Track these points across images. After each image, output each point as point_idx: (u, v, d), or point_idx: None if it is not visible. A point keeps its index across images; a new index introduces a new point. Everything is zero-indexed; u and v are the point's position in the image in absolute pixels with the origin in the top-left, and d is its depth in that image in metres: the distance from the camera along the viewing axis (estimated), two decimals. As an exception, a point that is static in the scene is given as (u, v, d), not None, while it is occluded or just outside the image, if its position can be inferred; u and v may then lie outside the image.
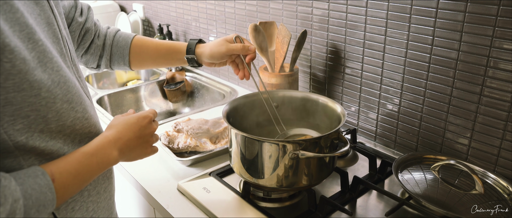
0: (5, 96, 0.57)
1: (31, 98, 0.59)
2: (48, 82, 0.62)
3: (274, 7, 1.36)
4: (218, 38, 0.98)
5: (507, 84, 0.87)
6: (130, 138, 0.75)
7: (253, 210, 0.88)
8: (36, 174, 0.60)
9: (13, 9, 0.58)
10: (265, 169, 0.84)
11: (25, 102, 0.59)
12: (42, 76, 0.61)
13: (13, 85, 0.57)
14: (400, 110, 1.10)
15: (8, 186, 0.55)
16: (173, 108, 1.79)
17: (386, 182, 1.00)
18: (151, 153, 0.82)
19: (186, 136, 1.15)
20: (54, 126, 0.64)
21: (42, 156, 0.64)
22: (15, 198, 0.55)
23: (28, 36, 0.59)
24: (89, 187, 0.75)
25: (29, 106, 0.60)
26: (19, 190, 0.56)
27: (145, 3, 2.13)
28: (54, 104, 0.63)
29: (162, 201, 0.95)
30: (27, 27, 0.59)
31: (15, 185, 0.56)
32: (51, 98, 0.62)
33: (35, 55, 0.60)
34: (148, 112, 0.80)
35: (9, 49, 0.55)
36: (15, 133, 0.59)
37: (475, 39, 0.89)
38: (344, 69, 1.20)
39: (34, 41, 0.60)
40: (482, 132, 0.94)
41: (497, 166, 0.94)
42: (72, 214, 0.71)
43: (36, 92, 0.60)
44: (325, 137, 0.82)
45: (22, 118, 0.59)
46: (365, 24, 1.09)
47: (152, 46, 0.98)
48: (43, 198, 0.59)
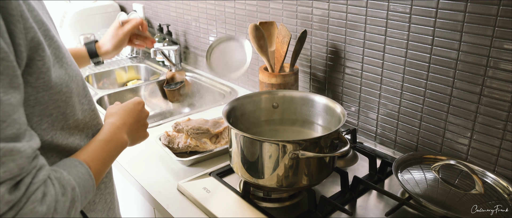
0: (35, 96, 0.58)
1: (56, 96, 0.61)
2: (66, 77, 0.63)
3: (274, 7, 1.36)
4: (109, 32, 1.08)
5: (507, 84, 0.87)
6: (132, 122, 0.80)
7: (253, 210, 0.88)
8: (74, 164, 0.63)
9: (31, 7, 0.58)
10: (265, 169, 0.84)
11: (50, 100, 0.60)
12: (60, 72, 0.62)
13: (43, 84, 0.58)
14: (400, 110, 1.10)
15: (63, 177, 0.58)
16: (173, 108, 1.79)
17: (386, 182, 1.00)
18: (146, 136, 0.86)
19: (186, 136, 1.15)
20: (71, 121, 0.66)
21: (62, 153, 0.66)
22: (72, 187, 0.58)
23: (45, 33, 0.60)
24: (105, 180, 0.77)
25: (53, 103, 0.61)
26: (72, 179, 0.59)
27: (145, 3, 2.13)
28: (71, 99, 0.65)
29: (162, 201, 0.95)
30: (43, 24, 0.60)
31: (67, 175, 0.59)
32: (69, 93, 0.64)
33: (52, 51, 0.61)
34: (139, 98, 0.86)
35: (42, 47, 0.56)
36: (42, 132, 0.61)
37: (475, 39, 0.89)
38: (344, 69, 1.20)
39: (50, 38, 0.61)
40: (482, 132, 0.94)
41: (497, 166, 0.94)
42: (94, 207, 0.74)
43: (59, 89, 0.61)
44: (325, 137, 0.82)
45: (47, 117, 0.61)
46: (365, 24, 1.09)
47: None
48: (88, 185, 0.63)
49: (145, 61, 2.04)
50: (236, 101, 0.99)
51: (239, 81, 1.66)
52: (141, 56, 2.10)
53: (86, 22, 2.16)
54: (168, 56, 1.78)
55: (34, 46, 0.55)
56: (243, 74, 1.62)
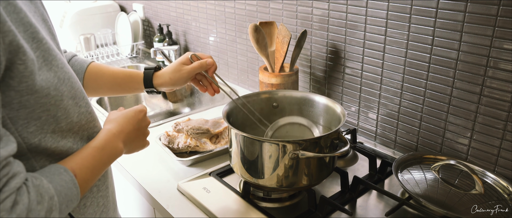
0: (19, 99, 0.57)
1: (43, 99, 0.60)
2: (55, 80, 0.62)
3: (274, 7, 1.36)
4: (173, 64, 0.95)
5: (507, 84, 0.87)
6: (130, 130, 0.78)
7: (253, 210, 0.88)
8: (59, 171, 0.61)
9: (16, 9, 0.57)
10: (265, 169, 0.84)
11: (37, 104, 0.59)
12: (48, 75, 0.61)
13: (26, 87, 0.57)
14: (400, 110, 1.10)
15: (42, 185, 0.56)
16: (173, 108, 1.79)
17: (386, 182, 1.00)
18: (146, 145, 0.85)
19: (186, 136, 1.15)
20: (64, 124, 0.65)
21: (52, 156, 0.64)
22: (50, 196, 0.57)
23: (32, 36, 0.59)
24: (98, 183, 0.76)
25: (41, 107, 0.60)
26: (52, 188, 0.58)
27: (145, 3, 2.13)
28: (62, 102, 0.63)
29: (162, 201, 0.95)
30: (31, 26, 0.59)
31: (47, 183, 0.57)
32: (59, 96, 0.63)
33: (40, 54, 0.60)
34: (142, 106, 0.83)
35: (22, 50, 0.55)
36: (29, 135, 0.60)
37: (475, 39, 0.89)
38: (344, 69, 1.20)
39: (38, 40, 0.60)
40: (482, 132, 0.94)
41: (497, 166, 0.94)
42: (85, 210, 0.72)
43: (46, 92, 0.60)
44: (325, 137, 0.82)
45: (35, 120, 0.60)
46: (365, 24, 1.09)
47: (108, 73, 0.96)
48: (71, 194, 0.61)
49: (145, 61, 2.04)
50: (236, 101, 0.99)
51: (239, 81, 1.66)
52: (141, 56, 2.10)
53: (86, 22, 2.16)
54: (168, 56, 1.78)
55: (13, 49, 0.54)
56: (244, 75, 1.62)
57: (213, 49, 1.75)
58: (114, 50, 2.10)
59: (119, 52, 2.12)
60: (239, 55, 1.60)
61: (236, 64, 1.63)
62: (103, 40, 2.12)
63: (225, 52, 1.67)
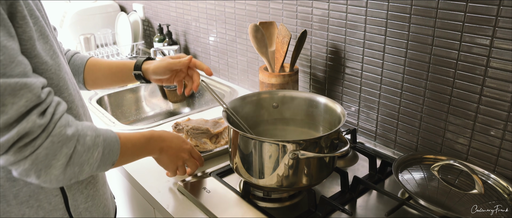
0: None
1: (43, 65, 0.65)
2: (51, 52, 0.67)
3: (274, 7, 1.36)
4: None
5: (507, 84, 0.87)
6: (170, 146, 0.91)
7: (253, 210, 0.88)
8: (107, 129, 0.72)
9: None
10: (265, 169, 0.84)
11: (38, 69, 0.64)
12: (45, 46, 0.66)
13: (25, 50, 0.62)
14: (400, 110, 1.10)
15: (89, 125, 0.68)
16: (173, 108, 1.80)
17: (386, 182, 1.00)
18: (171, 170, 0.96)
19: (186, 136, 1.15)
20: (66, 95, 0.71)
21: None
22: (97, 134, 0.68)
23: (30, 13, 0.64)
24: (102, 175, 0.84)
25: (42, 74, 0.65)
26: (98, 130, 0.69)
27: (145, 3, 2.13)
28: (61, 72, 0.69)
29: (162, 201, 0.95)
30: (28, 5, 0.64)
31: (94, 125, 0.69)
32: (57, 66, 0.68)
33: (37, 28, 0.65)
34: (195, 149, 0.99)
35: (21, 15, 0.60)
36: None
37: (475, 39, 0.89)
38: (344, 69, 1.20)
39: (35, 17, 0.65)
40: (482, 132, 0.94)
41: (497, 166, 0.94)
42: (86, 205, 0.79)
43: (45, 60, 0.65)
44: (325, 137, 0.82)
45: None
46: (365, 24, 1.09)
47: (105, 64, 1.02)
48: (113, 145, 0.71)
49: (145, 61, 2.03)
50: (236, 101, 0.99)
51: (239, 81, 1.66)
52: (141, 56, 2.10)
53: (86, 22, 2.16)
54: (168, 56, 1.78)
55: (12, 12, 0.59)
56: (244, 75, 1.62)
57: (213, 49, 1.75)
58: (114, 50, 2.10)
59: (119, 52, 2.12)
60: (239, 55, 1.60)
61: (236, 64, 1.63)
62: (103, 40, 2.12)
63: (225, 52, 1.67)
